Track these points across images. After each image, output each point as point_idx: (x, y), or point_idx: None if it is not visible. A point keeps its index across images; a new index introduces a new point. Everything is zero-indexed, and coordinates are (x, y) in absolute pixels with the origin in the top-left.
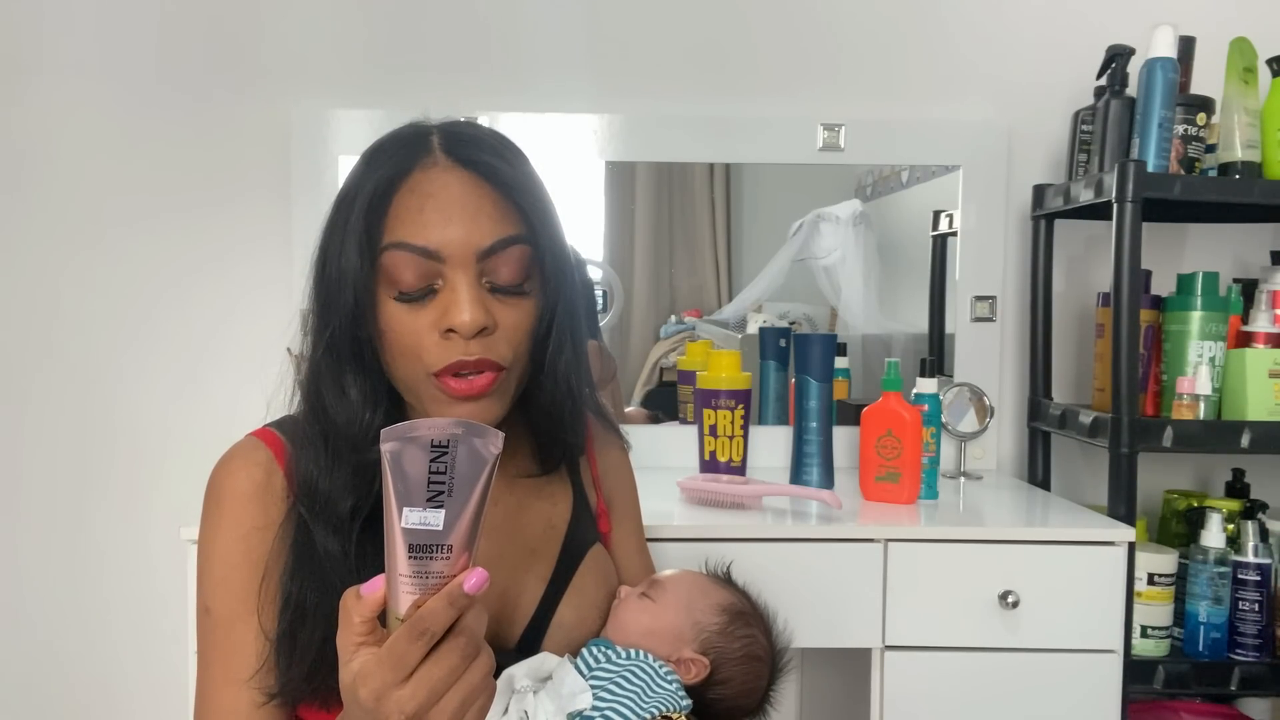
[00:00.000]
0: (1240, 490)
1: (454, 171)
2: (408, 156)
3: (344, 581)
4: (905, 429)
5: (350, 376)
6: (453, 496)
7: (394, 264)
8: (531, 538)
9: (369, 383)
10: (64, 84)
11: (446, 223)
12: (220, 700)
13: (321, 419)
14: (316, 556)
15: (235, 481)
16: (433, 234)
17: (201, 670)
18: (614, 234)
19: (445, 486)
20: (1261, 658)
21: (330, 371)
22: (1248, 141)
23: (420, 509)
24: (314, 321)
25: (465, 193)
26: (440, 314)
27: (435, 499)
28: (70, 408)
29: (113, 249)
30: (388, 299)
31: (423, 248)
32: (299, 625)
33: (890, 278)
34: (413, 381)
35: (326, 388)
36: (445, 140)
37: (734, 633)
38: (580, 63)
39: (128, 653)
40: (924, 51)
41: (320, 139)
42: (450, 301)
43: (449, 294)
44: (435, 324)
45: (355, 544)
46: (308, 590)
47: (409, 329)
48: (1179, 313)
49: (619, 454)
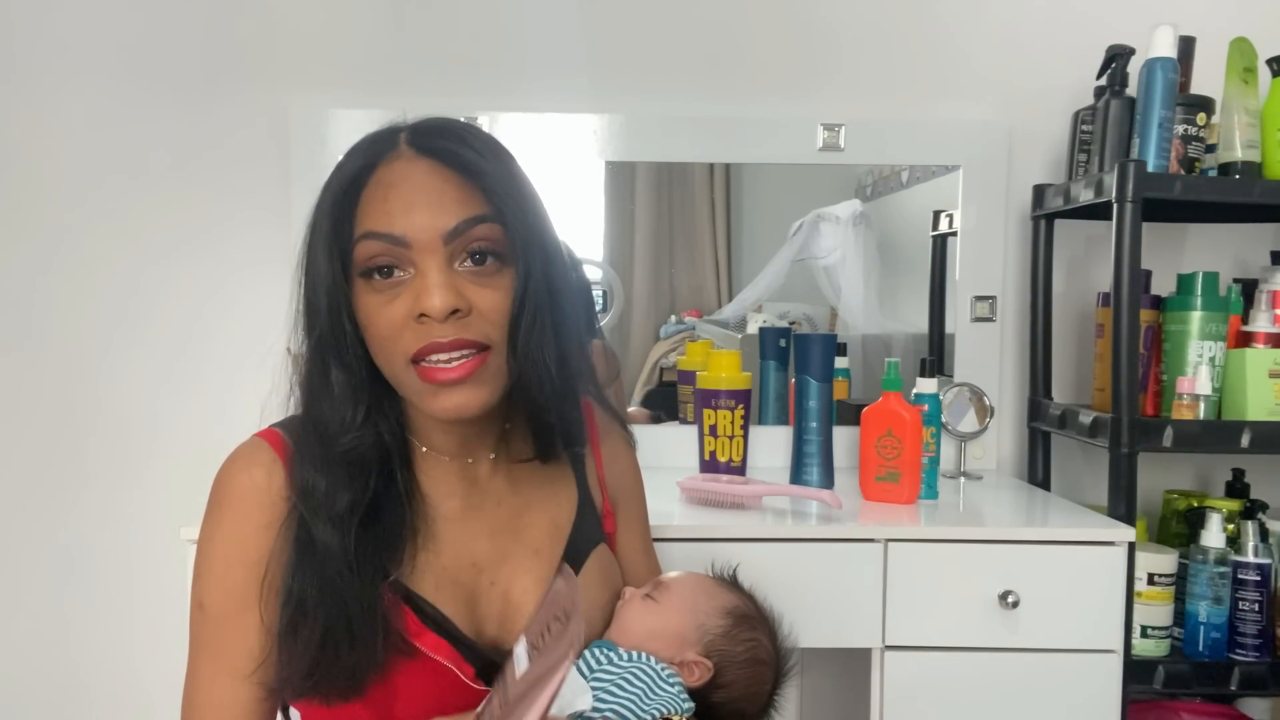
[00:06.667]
0: (1240, 490)
1: (416, 161)
2: (374, 152)
3: (342, 576)
4: (905, 429)
5: (335, 373)
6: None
7: (365, 255)
8: (536, 537)
9: (350, 378)
10: (63, 82)
11: (410, 209)
12: (210, 695)
13: (314, 418)
14: (317, 553)
15: (238, 482)
16: (397, 221)
17: (191, 665)
18: (614, 234)
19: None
20: (1261, 658)
21: (318, 370)
22: (1248, 141)
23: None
24: (303, 325)
25: (428, 179)
26: (413, 300)
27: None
28: (65, 407)
29: (111, 248)
30: (364, 293)
31: (388, 234)
32: (300, 621)
33: (890, 278)
34: (395, 373)
35: (316, 386)
36: (410, 133)
37: (738, 636)
38: (580, 63)
39: (128, 653)
40: (924, 51)
41: (319, 139)
42: (421, 287)
43: (420, 280)
44: (409, 311)
45: (354, 540)
46: (309, 586)
47: (385, 319)
48: (1179, 313)
49: (625, 453)
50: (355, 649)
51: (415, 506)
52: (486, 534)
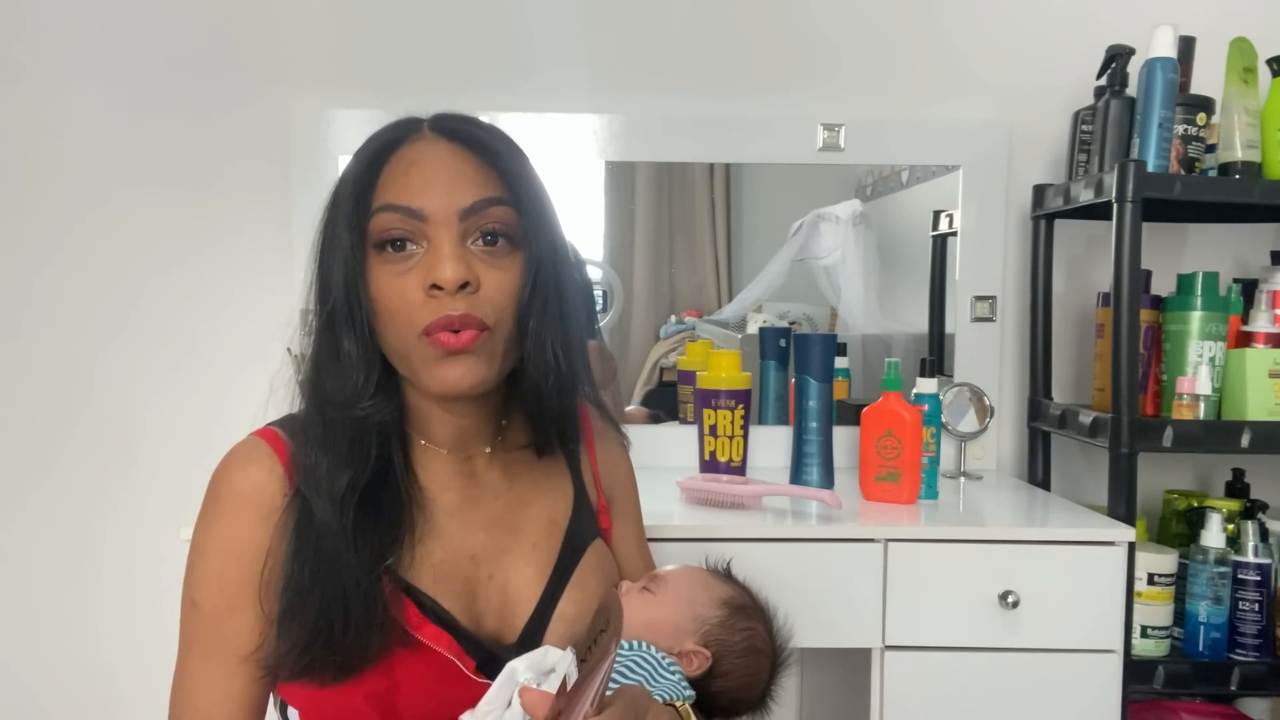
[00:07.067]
0: (1240, 490)
1: (439, 141)
2: (397, 133)
3: (340, 554)
4: (905, 429)
5: (346, 343)
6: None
7: (381, 226)
8: (533, 532)
9: (362, 348)
10: (63, 83)
11: (429, 185)
12: (199, 693)
13: (319, 394)
14: (315, 534)
15: (235, 479)
16: (416, 196)
17: (181, 660)
18: (614, 234)
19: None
20: (1261, 658)
21: (328, 344)
22: (1248, 141)
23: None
24: (315, 301)
25: (449, 158)
26: (425, 273)
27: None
28: (67, 409)
29: (111, 248)
30: (378, 265)
31: (406, 207)
32: (297, 601)
33: (890, 278)
34: (404, 346)
35: (324, 358)
36: (433, 119)
37: (735, 626)
38: (580, 63)
39: (127, 653)
40: (924, 51)
41: (319, 139)
42: (434, 260)
43: (433, 253)
44: (421, 283)
45: (352, 520)
46: (306, 566)
47: (397, 291)
48: (1179, 313)
49: (619, 451)
50: (350, 627)
51: (413, 497)
52: (484, 527)
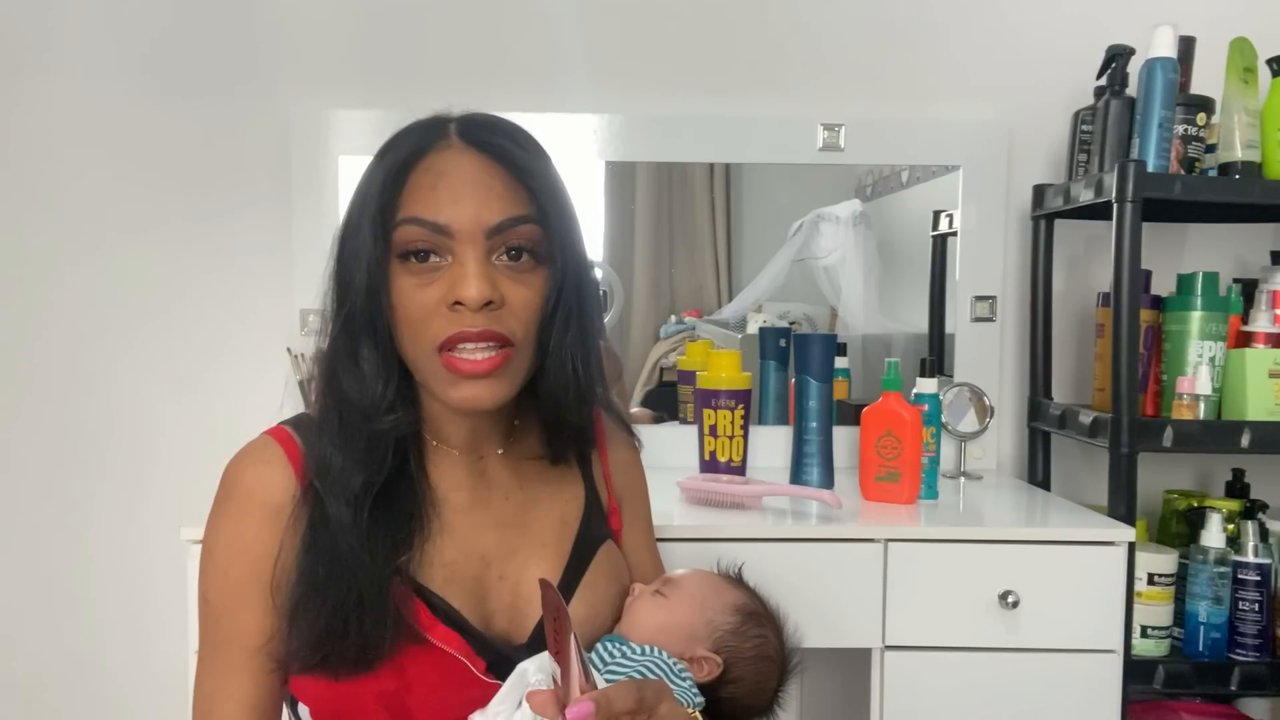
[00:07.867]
0: (1240, 490)
1: (467, 153)
2: (424, 139)
3: (354, 553)
4: (905, 429)
5: (365, 350)
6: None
7: (406, 239)
8: (544, 532)
9: (381, 356)
10: (63, 85)
11: (457, 200)
12: (214, 686)
13: (337, 395)
14: (329, 531)
15: (245, 477)
16: (444, 210)
17: (199, 658)
18: (614, 234)
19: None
20: (1261, 658)
21: (346, 347)
22: (1248, 141)
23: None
24: (333, 300)
25: (477, 172)
26: (449, 288)
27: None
28: (68, 409)
29: (111, 250)
30: (400, 275)
31: (433, 222)
32: (310, 598)
33: (890, 278)
34: (420, 358)
35: (341, 363)
36: (461, 125)
37: (747, 633)
38: (580, 63)
39: (126, 653)
40: (924, 52)
41: (320, 140)
42: (459, 276)
43: (458, 268)
44: (444, 298)
45: (367, 518)
46: (320, 563)
47: (418, 303)
48: (1179, 313)
49: (631, 453)
50: (365, 625)
51: (425, 496)
52: (494, 528)
